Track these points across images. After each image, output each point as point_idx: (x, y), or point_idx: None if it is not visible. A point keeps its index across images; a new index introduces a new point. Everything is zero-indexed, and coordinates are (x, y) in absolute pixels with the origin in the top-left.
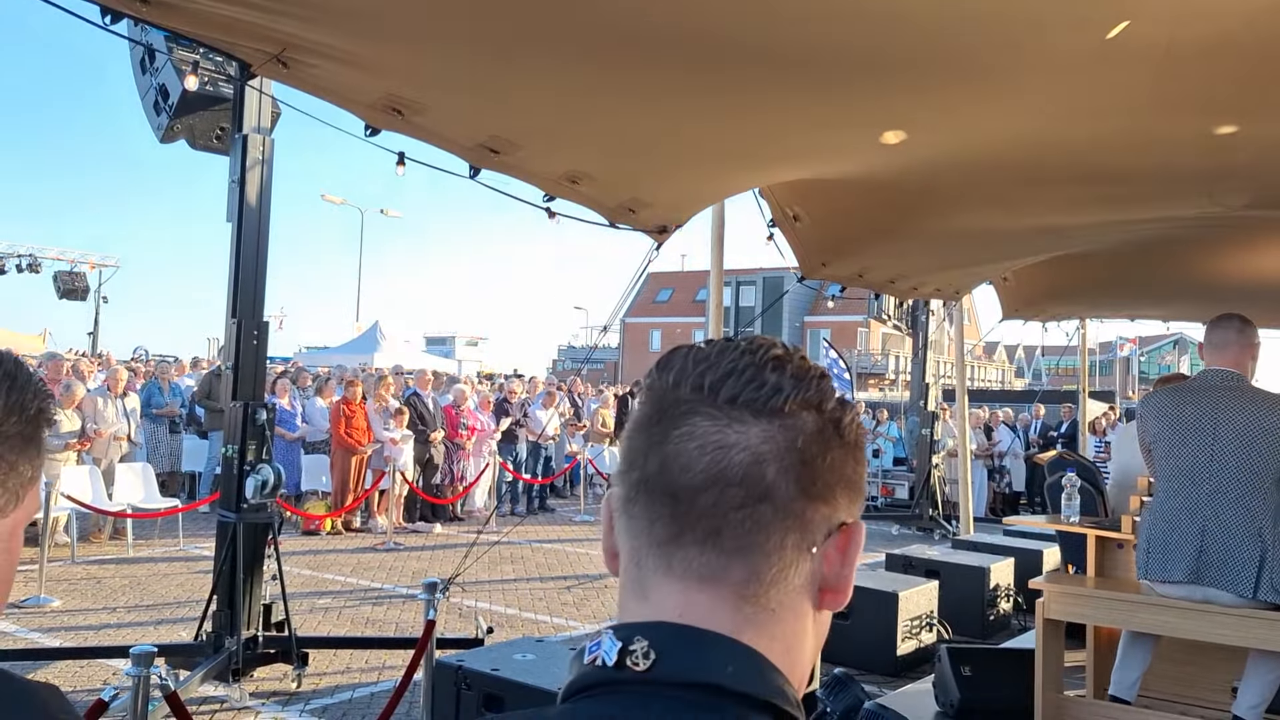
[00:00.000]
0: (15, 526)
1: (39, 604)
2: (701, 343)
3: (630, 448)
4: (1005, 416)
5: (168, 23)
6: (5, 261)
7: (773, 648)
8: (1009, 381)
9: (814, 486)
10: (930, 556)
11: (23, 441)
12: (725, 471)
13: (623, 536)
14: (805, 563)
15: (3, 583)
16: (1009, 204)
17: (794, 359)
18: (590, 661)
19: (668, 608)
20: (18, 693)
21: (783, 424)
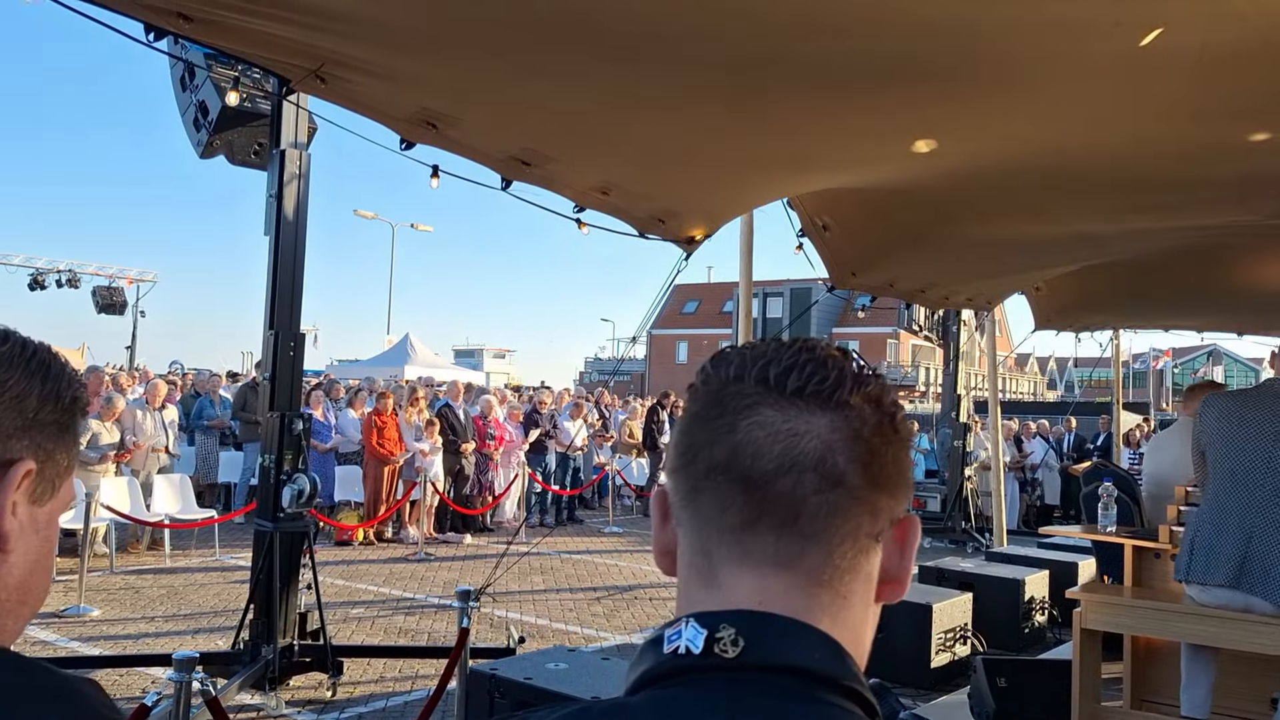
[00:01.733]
0: (52, 515)
1: (78, 613)
2: (754, 341)
3: (690, 441)
4: (1039, 428)
5: (209, 39)
6: (45, 277)
7: (844, 635)
8: (1041, 393)
9: (879, 476)
10: (964, 569)
11: (59, 430)
12: (800, 458)
13: (684, 529)
14: (873, 551)
15: (43, 571)
16: (1041, 212)
17: (847, 358)
18: (671, 650)
19: (743, 595)
20: (59, 687)
21: (846, 415)
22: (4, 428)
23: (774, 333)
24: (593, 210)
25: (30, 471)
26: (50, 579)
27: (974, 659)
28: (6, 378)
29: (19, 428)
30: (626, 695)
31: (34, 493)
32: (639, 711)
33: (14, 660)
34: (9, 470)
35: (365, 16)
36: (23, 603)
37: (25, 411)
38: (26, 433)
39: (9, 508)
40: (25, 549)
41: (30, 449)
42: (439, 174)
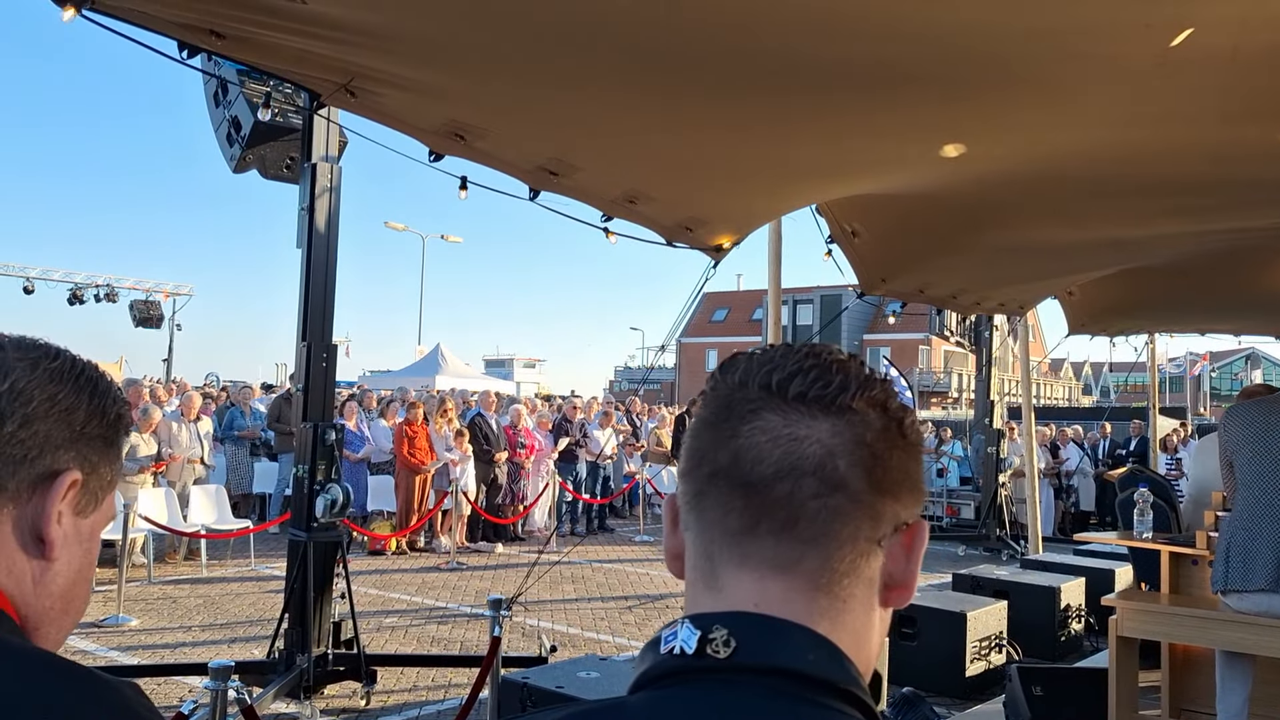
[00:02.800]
0: (94, 528)
1: (117, 623)
2: (763, 348)
3: (697, 446)
4: (1074, 434)
5: (241, 56)
6: (84, 291)
7: (844, 639)
8: (1076, 399)
9: (883, 481)
10: (999, 576)
11: (104, 444)
12: (799, 463)
13: (691, 532)
14: (875, 556)
15: (84, 582)
16: (1073, 216)
17: (854, 363)
18: (667, 651)
19: (742, 598)
20: (101, 689)
21: (849, 420)
22: (53, 439)
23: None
24: (620, 219)
25: (76, 482)
26: (90, 590)
27: (1009, 667)
28: (56, 391)
29: (67, 440)
30: (627, 695)
31: (78, 504)
32: (633, 712)
33: (55, 663)
34: (55, 480)
35: (393, 30)
36: (65, 612)
37: (73, 425)
38: (74, 445)
39: (54, 516)
40: (69, 558)
41: (77, 460)
42: (467, 185)
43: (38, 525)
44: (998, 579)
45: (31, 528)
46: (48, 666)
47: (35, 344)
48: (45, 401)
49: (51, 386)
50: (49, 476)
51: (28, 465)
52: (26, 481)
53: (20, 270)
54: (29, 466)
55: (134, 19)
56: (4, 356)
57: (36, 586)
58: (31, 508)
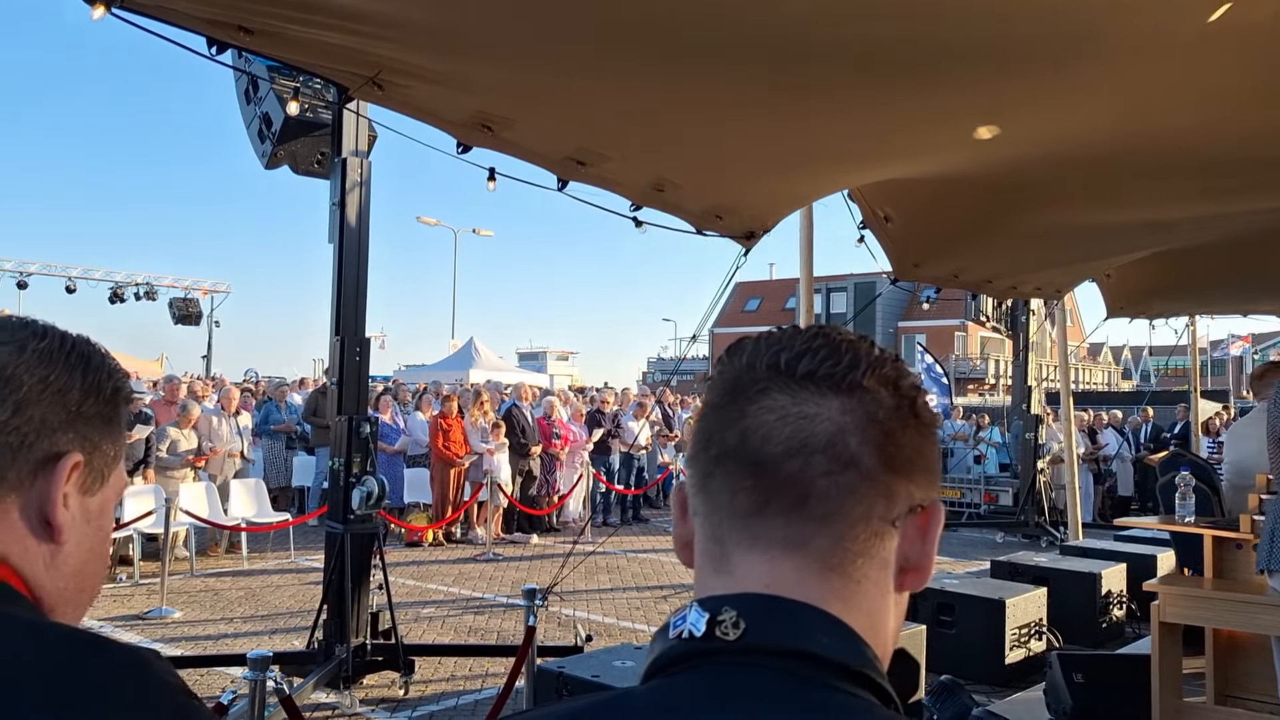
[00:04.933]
0: (104, 504)
1: (160, 615)
2: (770, 330)
3: (704, 428)
4: (1112, 419)
5: (269, 51)
6: (124, 290)
7: (858, 620)
8: (1116, 383)
9: (895, 460)
10: (1038, 563)
11: (103, 421)
12: (809, 440)
13: (699, 515)
14: (889, 537)
15: (98, 559)
16: (1110, 198)
17: (864, 342)
18: (676, 635)
19: (752, 579)
20: (125, 657)
21: (860, 398)
22: (49, 423)
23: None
24: (650, 208)
25: (78, 464)
26: (105, 567)
27: (1049, 655)
28: (48, 373)
29: (63, 421)
30: (640, 683)
31: (84, 483)
32: (641, 700)
33: (76, 635)
34: (57, 464)
35: (419, 22)
36: (81, 590)
37: (69, 405)
38: (72, 426)
39: (59, 500)
40: (79, 539)
41: (76, 441)
42: (495, 177)
43: (44, 510)
44: (1037, 565)
45: (38, 513)
46: (68, 639)
47: (21, 324)
48: (37, 385)
49: (42, 369)
50: (49, 460)
51: (26, 452)
52: (27, 468)
53: (62, 270)
54: (27, 453)
55: (163, 16)
56: None
57: (49, 569)
58: (35, 493)
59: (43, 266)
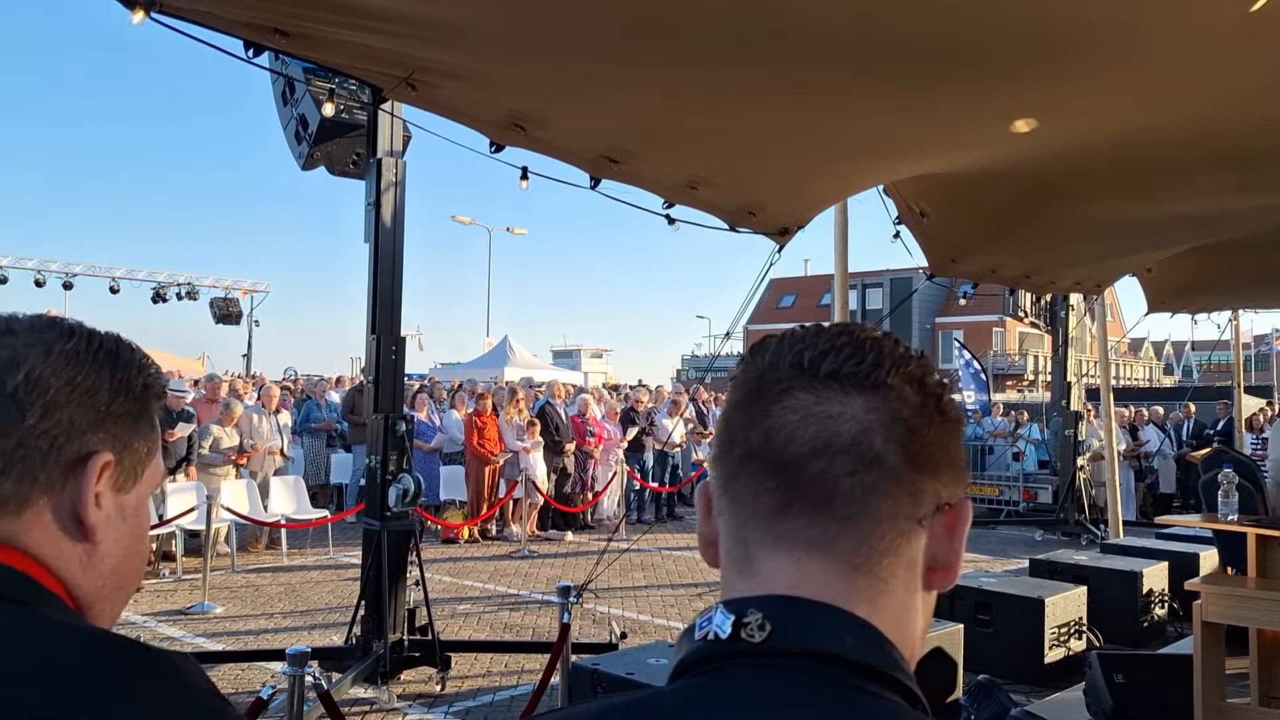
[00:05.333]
0: (139, 500)
1: (203, 610)
2: (793, 329)
3: (728, 427)
4: (1154, 415)
5: (304, 53)
6: (166, 290)
7: (885, 621)
8: (1158, 379)
9: (921, 458)
10: (1078, 561)
11: (133, 419)
12: (833, 440)
13: (724, 516)
14: (916, 536)
15: (135, 555)
16: (1150, 191)
17: (889, 340)
18: (702, 636)
19: (778, 581)
20: (155, 660)
21: (885, 397)
22: (78, 424)
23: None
24: (682, 205)
25: (109, 464)
26: (144, 561)
27: (1089, 654)
28: (75, 374)
29: (93, 422)
30: (667, 684)
31: (117, 481)
32: (667, 702)
33: (110, 639)
34: (87, 465)
35: (452, 22)
36: (118, 588)
37: (97, 405)
38: (101, 426)
39: (91, 501)
40: (115, 537)
41: (107, 441)
42: (528, 175)
43: (76, 511)
44: (1076, 564)
45: (71, 514)
46: (103, 642)
47: (48, 324)
48: (65, 387)
49: (69, 370)
50: (80, 461)
51: (56, 454)
52: (58, 470)
53: (107, 270)
54: (57, 455)
55: (200, 19)
56: (15, 343)
57: (85, 569)
58: (68, 494)
59: (87, 268)
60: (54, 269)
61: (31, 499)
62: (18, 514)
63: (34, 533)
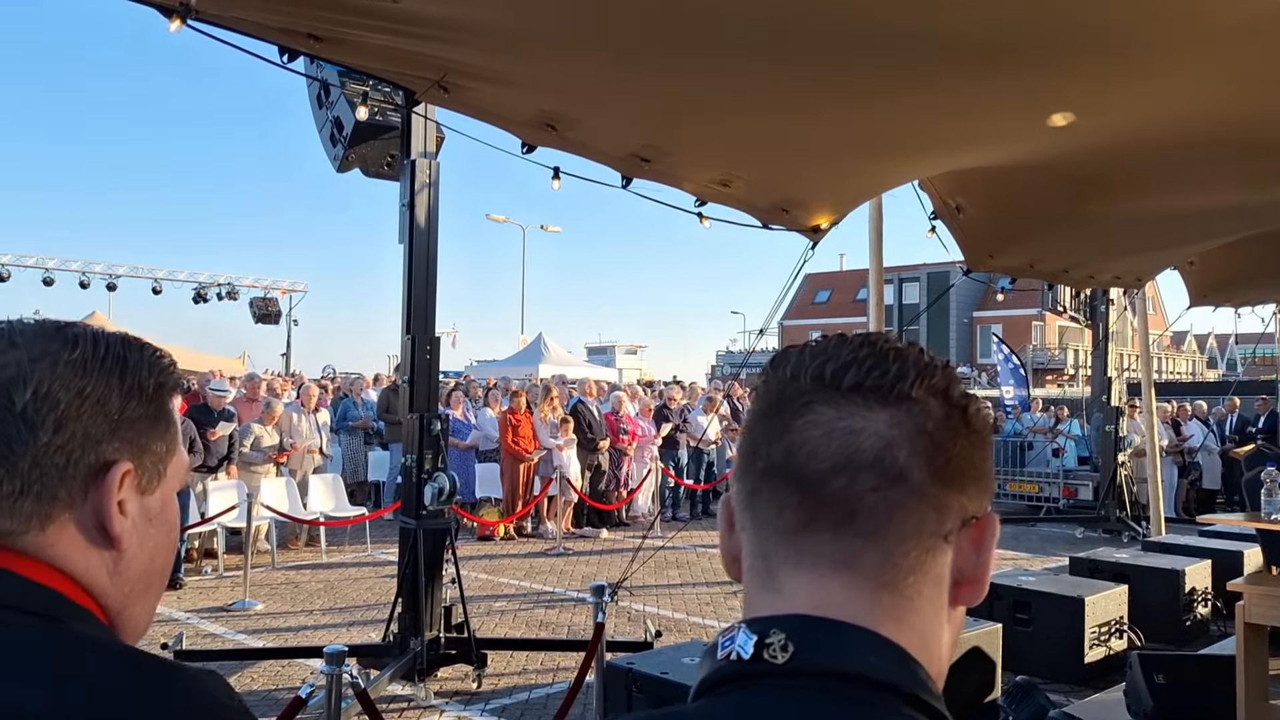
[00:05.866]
0: (165, 498)
1: (244, 607)
2: (815, 340)
3: (749, 442)
4: (1197, 410)
5: (337, 57)
6: (207, 290)
7: (910, 639)
8: (1201, 373)
9: (946, 472)
10: (1118, 559)
11: (149, 421)
12: (855, 456)
13: (746, 532)
14: (941, 551)
15: (165, 553)
16: (1191, 183)
17: (913, 350)
18: (724, 656)
19: (801, 599)
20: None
21: (909, 410)
22: (92, 435)
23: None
24: (714, 204)
25: (128, 472)
26: (173, 556)
27: (1130, 654)
28: (83, 385)
29: (107, 431)
30: (690, 702)
31: (139, 485)
32: (692, 717)
33: (131, 653)
34: (106, 475)
35: (483, 24)
36: (148, 589)
37: (110, 414)
38: (116, 434)
39: (114, 510)
40: (142, 539)
41: (123, 449)
42: (560, 175)
43: (101, 521)
44: (1117, 562)
45: (96, 524)
46: (130, 659)
47: (53, 334)
48: (75, 399)
49: (77, 381)
50: (99, 472)
51: (73, 468)
52: (78, 484)
53: (149, 272)
54: (75, 469)
55: (235, 26)
56: (20, 358)
57: (113, 576)
58: (90, 506)
59: (130, 269)
60: (98, 270)
61: (54, 515)
62: (42, 529)
63: (60, 546)
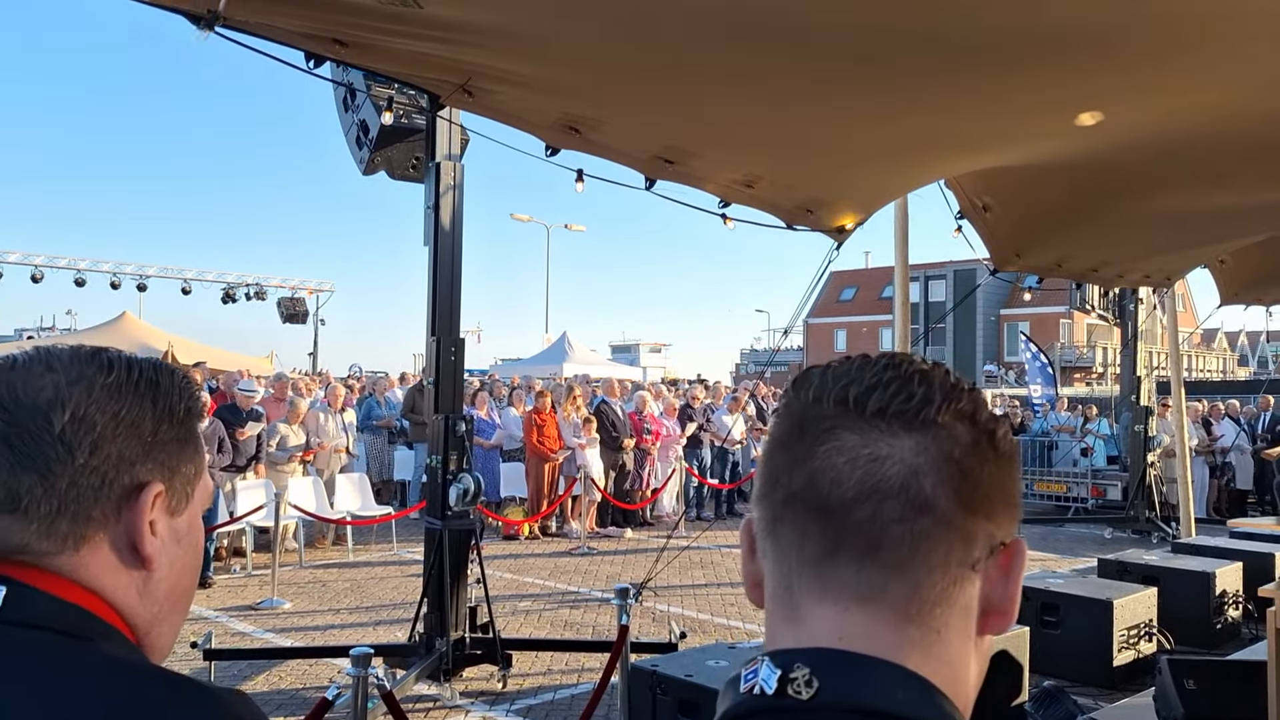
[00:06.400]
0: (192, 520)
1: (272, 606)
2: (839, 359)
3: (771, 467)
4: (1229, 409)
5: (363, 62)
6: (235, 290)
7: (939, 672)
8: (1232, 371)
9: (974, 499)
10: (1148, 561)
11: (179, 445)
12: (881, 484)
13: (768, 560)
14: (969, 581)
15: (190, 573)
16: (1221, 181)
17: (939, 372)
18: (748, 690)
19: (825, 631)
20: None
21: (935, 435)
22: (126, 457)
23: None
24: (738, 205)
25: (160, 493)
26: (197, 578)
27: (1159, 658)
28: (119, 408)
29: (141, 453)
30: None
31: (169, 506)
32: None
33: (162, 675)
34: (139, 495)
35: (506, 28)
36: (175, 610)
37: (143, 436)
38: (149, 456)
39: (146, 530)
40: (170, 560)
41: (156, 470)
42: (583, 178)
43: (132, 541)
44: (1146, 564)
45: (128, 544)
46: (158, 680)
47: (88, 358)
48: (110, 421)
49: (113, 404)
50: (132, 493)
51: (107, 489)
52: (111, 504)
53: (179, 272)
54: (109, 489)
55: (262, 32)
56: (58, 381)
57: (142, 597)
58: (123, 526)
59: (160, 270)
60: (129, 271)
61: (88, 535)
62: (76, 549)
63: (92, 566)
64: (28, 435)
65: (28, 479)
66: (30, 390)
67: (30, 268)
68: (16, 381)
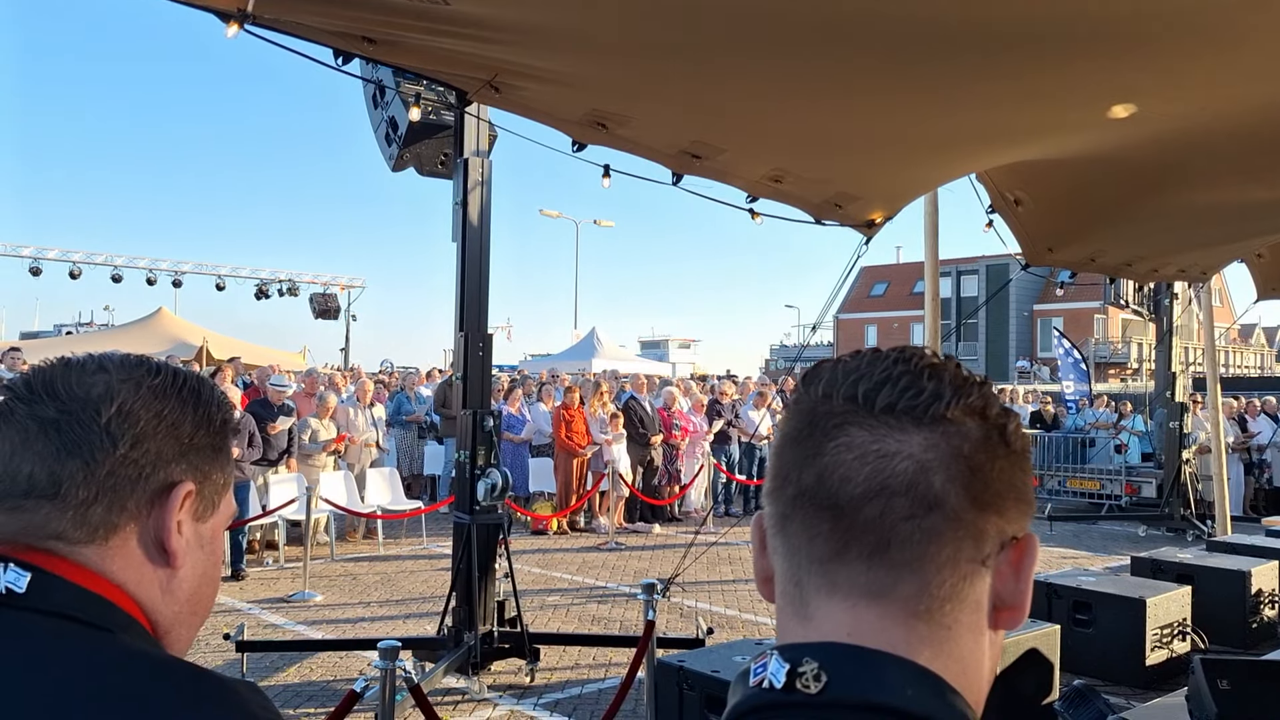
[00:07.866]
0: (215, 531)
1: (304, 599)
2: (849, 354)
3: (780, 463)
4: (1266, 406)
5: (391, 59)
6: (269, 286)
7: (949, 668)
8: (1270, 367)
9: (984, 495)
10: (1182, 560)
11: (213, 451)
12: (889, 481)
13: (778, 557)
14: (979, 577)
15: (210, 583)
16: (1258, 174)
17: (950, 366)
18: (756, 684)
19: (834, 628)
20: (218, 691)
21: (945, 431)
22: (164, 455)
23: (969, 311)
24: (766, 199)
25: (191, 493)
26: (216, 589)
27: (1193, 658)
28: (162, 408)
29: (177, 453)
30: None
31: (196, 510)
32: None
33: (177, 666)
34: (171, 493)
35: (533, 24)
36: (194, 613)
37: (181, 438)
38: (184, 457)
39: (174, 527)
40: (193, 564)
41: (189, 471)
42: (610, 173)
43: (160, 537)
44: (1181, 562)
45: (155, 540)
46: (176, 672)
47: (137, 363)
48: (153, 419)
49: (157, 404)
50: (165, 490)
51: (143, 483)
52: (144, 498)
53: (213, 268)
54: (145, 483)
55: (291, 30)
56: (108, 379)
57: (165, 594)
58: (153, 521)
59: (195, 266)
60: (164, 268)
61: (120, 525)
62: (105, 540)
63: (119, 559)
64: (76, 424)
65: (71, 464)
66: (83, 385)
67: (68, 264)
68: (71, 376)
